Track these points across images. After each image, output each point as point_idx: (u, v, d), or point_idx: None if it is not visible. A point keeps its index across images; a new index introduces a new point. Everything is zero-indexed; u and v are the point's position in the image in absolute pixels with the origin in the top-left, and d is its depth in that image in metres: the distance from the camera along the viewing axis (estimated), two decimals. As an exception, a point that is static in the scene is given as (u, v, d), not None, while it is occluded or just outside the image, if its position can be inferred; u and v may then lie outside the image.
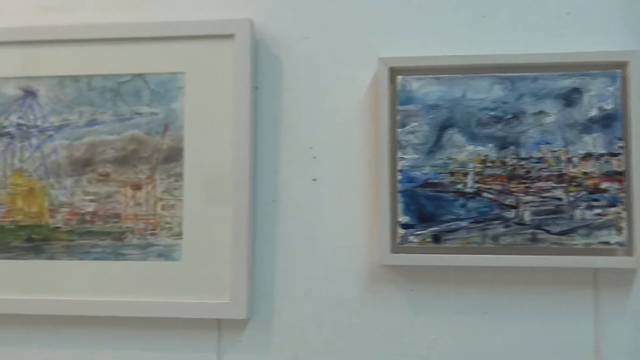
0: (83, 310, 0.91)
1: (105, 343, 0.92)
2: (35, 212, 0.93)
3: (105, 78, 0.93)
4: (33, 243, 0.92)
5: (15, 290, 0.92)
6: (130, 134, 0.92)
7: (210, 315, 0.89)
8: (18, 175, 0.93)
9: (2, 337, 0.93)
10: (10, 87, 0.95)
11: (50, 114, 0.94)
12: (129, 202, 0.91)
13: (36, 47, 0.95)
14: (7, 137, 0.94)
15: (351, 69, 0.91)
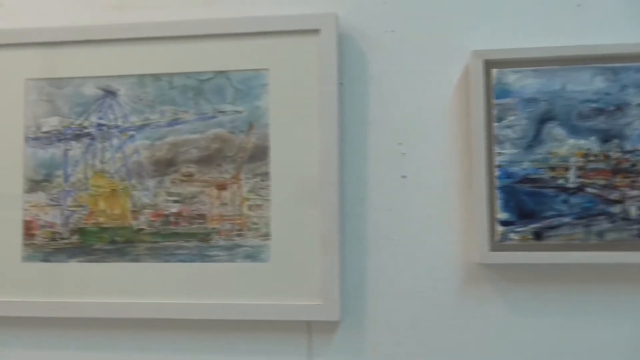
0: (168, 313, 0.89)
1: (191, 346, 0.90)
2: (118, 214, 0.91)
3: (186, 76, 0.91)
4: (116, 245, 0.91)
5: (99, 294, 0.90)
6: (214, 133, 0.90)
7: (301, 317, 0.87)
8: (99, 177, 0.92)
9: (86, 341, 0.92)
10: (89, 86, 0.93)
11: (131, 113, 0.92)
12: (214, 202, 0.89)
13: (115, 45, 0.93)
14: (87, 137, 0.92)
15: (439, 62, 0.89)
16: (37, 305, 0.91)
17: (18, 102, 0.94)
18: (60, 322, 0.92)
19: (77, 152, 0.92)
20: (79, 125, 0.93)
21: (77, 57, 0.94)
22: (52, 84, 0.94)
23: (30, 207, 0.92)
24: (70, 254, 0.91)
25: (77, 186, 0.92)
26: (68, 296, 0.91)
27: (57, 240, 0.92)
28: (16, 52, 0.95)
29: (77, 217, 0.92)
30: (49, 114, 0.93)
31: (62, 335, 0.92)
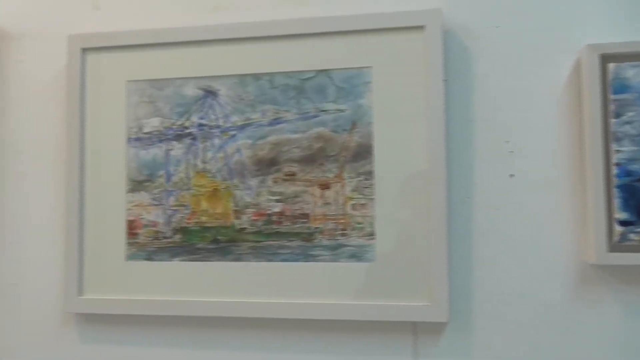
0: (271, 312, 0.89)
1: (294, 346, 0.89)
2: (220, 213, 0.91)
3: (287, 75, 0.91)
4: (219, 244, 0.91)
5: (202, 293, 0.91)
6: (316, 132, 0.89)
7: (408, 318, 0.85)
8: (201, 176, 0.92)
9: (188, 339, 0.92)
10: (190, 87, 0.93)
11: (232, 113, 0.92)
12: (317, 201, 0.89)
13: (215, 46, 0.93)
14: (189, 138, 0.93)
15: (547, 57, 0.86)
16: (140, 303, 0.92)
17: (120, 104, 0.95)
18: (163, 321, 0.93)
19: (178, 152, 0.93)
20: (180, 126, 0.93)
21: (178, 58, 0.94)
22: (153, 85, 0.94)
23: (133, 207, 0.94)
24: (173, 252, 0.92)
25: (179, 186, 0.93)
26: (171, 295, 0.92)
27: (159, 239, 0.92)
28: (117, 54, 0.96)
29: (179, 217, 0.92)
30: (150, 115, 0.94)
31: (164, 334, 0.93)
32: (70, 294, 0.93)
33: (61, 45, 0.99)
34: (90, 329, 0.95)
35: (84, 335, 0.96)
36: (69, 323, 0.96)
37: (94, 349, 0.95)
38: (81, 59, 0.96)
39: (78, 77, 0.96)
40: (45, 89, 1.00)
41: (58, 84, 1.00)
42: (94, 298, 0.94)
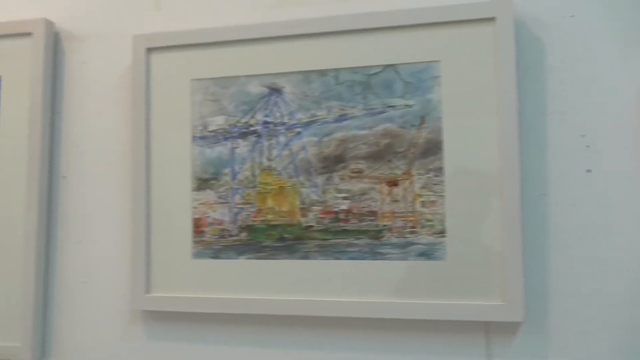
0: (338, 311, 0.88)
1: (362, 346, 0.88)
2: (286, 211, 0.91)
3: (353, 71, 0.90)
4: (285, 242, 0.90)
5: (268, 291, 0.90)
6: (383, 128, 0.88)
7: (480, 317, 0.83)
8: (267, 174, 0.92)
9: (255, 338, 0.92)
10: (255, 84, 0.93)
11: (297, 110, 0.91)
12: (385, 199, 0.87)
13: (279, 42, 0.92)
14: (254, 135, 0.93)
15: (626, 47, 0.83)
16: (206, 301, 0.92)
17: (184, 103, 0.96)
18: (229, 319, 0.93)
19: (244, 150, 0.93)
20: (245, 124, 0.93)
21: (242, 56, 0.94)
22: (217, 83, 0.94)
23: (199, 205, 0.94)
24: (239, 250, 0.92)
25: (244, 184, 0.92)
26: (237, 293, 0.92)
27: (226, 237, 0.92)
28: (181, 53, 0.96)
29: (245, 215, 0.92)
30: (215, 113, 0.94)
31: (230, 332, 0.93)
32: (137, 292, 0.94)
33: (125, 45, 1.00)
34: (157, 327, 0.96)
35: (151, 333, 0.96)
36: (136, 320, 0.97)
37: (160, 346, 0.96)
38: (146, 58, 0.97)
39: (143, 77, 0.97)
40: (110, 89, 1.01)
41: (122, 84, 1.00)
42: (161, 296, 0.94)
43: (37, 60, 1.01)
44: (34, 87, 1.01)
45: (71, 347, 0.99)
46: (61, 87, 1.04)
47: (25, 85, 1.02)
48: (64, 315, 0.99)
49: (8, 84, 1.03)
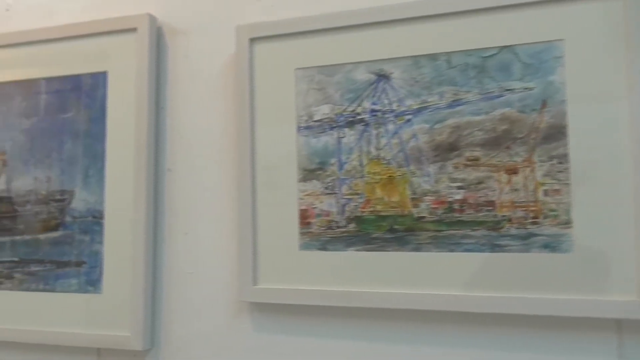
0: (454, 305, 0.84)
1: (481, 342, 0.84)
2: (397, 202, 0.87)
3: (467, 54, 0.85)
4: (396, 234, 0.87)
5: (378, 283, 0.87)
6: (501, 113, 0.83)
7: (612, 314, 0.77)
8: (375, 164, 0.89)
9: (364, 331, 0.90)
10: (361, 72, 0.90)
11: (407, 97, 0.88)
12: (504, 188, 0.82)
13: (386, 27, 0.90)
14: (361, 124, 0.90)
15: None
16: (314, 293, 0.91)
17: (289, 92, 0.94)
18: (337, 312, 0.91)
19: (350, 140, 0.90)
20: (352, 112, 0.90)
21: (347, 42, 0.91)
22: (322, 71, 0.92)
23: (305, 196, 0.92)
24: (348, 242, 0.90)
25: (352, 174, 0.90)
26: (345, 285, 0.89)
27: (333, 228, 0.90)
28: (285, 42, 0.95)
29: (353, 205, 0.90)
30: (320, 102, 0.92)
31: (338, 325, 0.91)
32: (245, 283, 0.94)
33: (227, 37, 1.00)
34: (263, 318, 0.95)
35: (256, 324, 0.96)
36: (242, 312, 0.96)
37: (266, 338, 0.95)
38: (249, 49, 0.96)
39: (247, 67, 0.96)
40: (213, 81, 1.01)
41: (225, 75, 1.00)
42: (267, 288, 0.93)
43: (142, 55, 1.03)
44: (139, 81, 1.02)
45: (178, 337, 1.00)
46: (165, 81, 1.05)
47: (131, 80, 1.03)
48: (171, 306, 1.01)
49: (114, 79, 1.05)
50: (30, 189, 1.09)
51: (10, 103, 1.11)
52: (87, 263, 1.03)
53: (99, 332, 1.01)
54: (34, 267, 1.07)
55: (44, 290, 1.06)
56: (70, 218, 1.05)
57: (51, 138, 1.08)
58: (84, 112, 1.06)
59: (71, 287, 1.04)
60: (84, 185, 1.05)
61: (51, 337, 1.04)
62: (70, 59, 1.08)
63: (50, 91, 1.09)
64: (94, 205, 1.04)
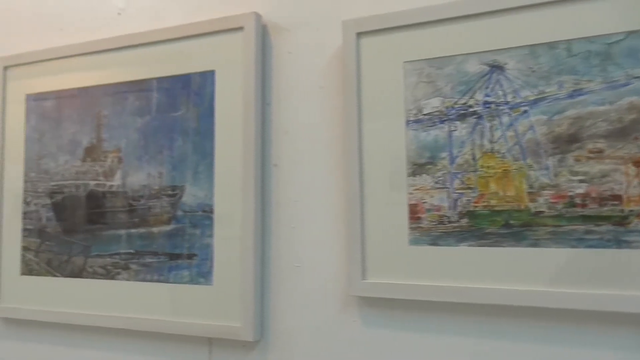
0: (577, 303, 0.81)
1: (601, 342, 0.80)
2: (512, 196, 0.85)
3: (589, 41, 0.81)
4: (511, 229, 0.85)
5: (492, 279, 0.85)
6: (628, 102, 0.79)
7: None
8: (489, 157, 0.86)
9: (478, 328, 0.88)
10: (473, 63, 0.88)
11: (522, 87, 0.85)
12: (632, 181, 0.78)
13: (500, 16, 0.87)
14: (473, 117, 0.88)
15: None
16: (425, 289, 0.90)
17: (397, 86, 0.94)
18: (447, 307, 0.89)
19: (462, 133, 0.88)
20: (464, 105, 0.89)
21: (458, 33, 0.90)
22: (432, 64, 0.91)
23: (415, 191, 0.91)
24: (460, 237, 0.88)
25: (464, 168, 0.88)
26: (457, 281, 0.88)
27: (444, 223, 0.89)
28: (393, 36, 0.94)
29: (465, 200, 0.88)
30: (429, 96, 0.91)
31: (448, 321, 0.90)
32: (354, 277, 0.94)
33: (331, 32, 1.01)
34: (372, 312, 0.96)
35: (366, 319, 0.96)
36: (351, 305, 0.97)
37: (375, 332, 0.95)
38: (356, 43, 0.96)
39: (354, 62, 0.96)
40: (317, 77, 1.02)
41: (330, 71, 1.01)
42: (377, 282, 0.93)
43: (249, 53, 1.05)
44: (246, 79, 1.05)
45: (286, 329, 1.02)
46: (270, 78, 1.07)
47: (238, 77, 1.06)
48: (279, 298, 1.03)
49: (221, 77, 1.08)
50: (144, 184, 1.14)
51: (124, 103, 1.17)
52: (198, 255, 1.07)
53: (211, 323, 1.05)
54: (148, 258, 1.12)
55: (158, 281, 1.11)
56: (181, 212, 1.10)
57: (163, 135, 1.12)
58: (193, 110, 1.10)
59: (183, 279, 1.08)
60: (194, 180, 1.09)
61: (165, 326, 1.09)
62: (180, 59, 1.12)
63: (161, 90, 1.13)
64: (203, 200, 1.08)
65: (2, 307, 1.28)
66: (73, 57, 1.24)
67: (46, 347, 1.24)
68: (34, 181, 1.26)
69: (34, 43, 1.31)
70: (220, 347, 1.06)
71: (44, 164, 1.25)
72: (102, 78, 1.20)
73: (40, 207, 1.25)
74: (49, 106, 1.26)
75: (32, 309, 1.24)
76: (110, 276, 1.15)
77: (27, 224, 1.26)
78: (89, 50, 1.22)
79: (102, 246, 1.17)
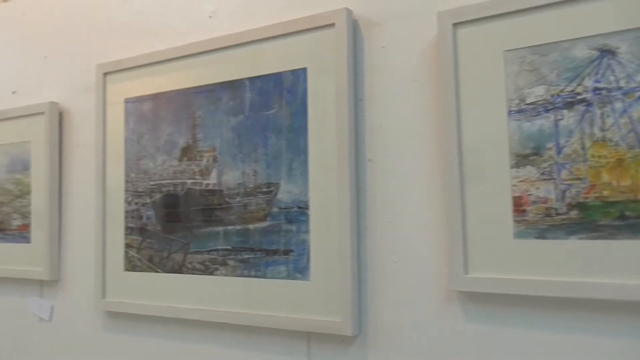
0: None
1: None
2: (628, 186, 0.81)
3: None
4: (627, 221, 0.81)
5: (607, 273, 0.82)
6: None
7: None
8: (600, 146, 0.83)
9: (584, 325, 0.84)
10: (581, 48, 0.85)
11: (637, 72, 0.81)
12: None
13: None
14: (582, 104, 0.84)
15: None
16: (532, 283, 0.87)
17: (497, 76, 0.91)
18: (557, 303, 0.86)
19: (570, 122, 0.85)
20: (571, 92, 0.85)
21: (563, 18, 0.86)
22: (535, 51, 0.88)
23: (519, 183, 0.89)
24: (569, 230, 0.85)
25: (572, 158, 0.85)
26: (568, 275, 0.85)
27: (552, 216, 0.86)
28: (491, 24, 0.92)
29: (575, 191, 0.85)
30: (533, 84, 0.88)
31: (556, 316, 0.87)
32: (455, 272, 0.93)
33: (425, 24, 1.00)
34: (474, 308, 0.94)
35: (468, 314, 0.94)
36: (452, 300, 0.96)
37: (478, 327, 0.93)
38: (452, 34, 0.94)
39: (451, 53, 0.95)
40: (412, 69, 1.01)
41: (425, 63, 1.00)
42: (480, 276, 0.91)
43: (341, 49, 1.05)
44: (338, 75, 1.05)
45: (386, 324, 1.01)
46: (362, 73, 1.07)
47: (330, 74, 1.06)
48: (377, 293, 1.03)
49: (313, 74, 1.09)
50: (239, 182, 1.17)
51: (218, 103, 1.20)
52: (295, 251, 1.09)
53: (309, 317, 1.06)
54: (245, 254, 1.15)
55: (255, 276, 1.13)
56: (276, 209, 1.11)
57: (256, 134, 1.15)
58: (286, 107, 1.11)
59: (280, 274, 1.10)
60: (288, 177, 1.10)
61: (263, 320, 1.11)
62: (272, 58, 1.14)
63: (253, 89, 1.16)
64: (298, 197, 1.09)
65: (107, 301, 1.34)
66: (167, 61, 1.28)
67: (148, 339, 1.30)
68: (134, 181, 1.32)
69: (130, 49, 1.37)
70: (318, 342, 1.08)
71: (143, 165, 1.31)
72: (196, 80, 1.24)
73: (141, 206, 1.31)
74: (146, 109, 1.31)
75: (135, 303, 1.30)
76: (208, 272, 1.19)
77: (129, 223, 1.32)
78: (182, 54, 1.26)
79: (200, 243, 1.21)
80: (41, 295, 1.50)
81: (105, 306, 1.34)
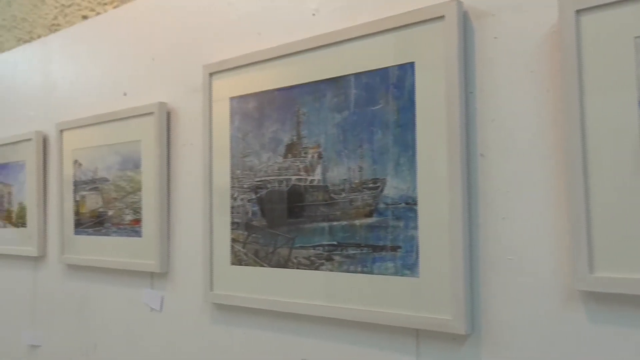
0: None
1: None
2: None
3: None
4: None
5: None
6: None
7: None
8: None
9: None
10: None
11: None
12: None
13: None
14: None
15: None
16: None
17: (627, 64, 0.86)
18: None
19: None
20: None
21: None
22: (670, 36, 0.82)
23: (652, 177, 0.83)
24: None
25: None
26: None
27: (691, 213, 0.80)
28: (619, 9, 0.87)
29: None
30: (668, 71, 0.82)
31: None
32: (580, 271, 0.89)
33: (541, 12, 0.96)
34: (600, 309, 0.89)
35: (593, 315, 0.90)
36: (574, 301, 0.92)
37: (605, 330, 0.89)
38: (575, 21, 0.89)
39: (574, 42, 0.90)
40: (527, 60, 0.98)
41: (542, 53, 0.96)
42: (607, 276, 0.87)
43: (450, 42, 1.03)
44: (448, 68, 1.03)
45: (501, 323, 0.98)
46: (472, 66, 1.04)
47: (439, 67, 1.04)
48: (490, 291, 1.00)
49: (421, 69, 1.07)
50: (344, 178, 1.17)
51: (322, 100, 1.21)
52: (402, 248, 1.08)
53: (418, 314, 1.05)
54: (351, 250, 1.15)
55: (362, 272, 1.13)
56: (383, 205, 1.11)
57: (362, 130, 1.15)
58: (393, 103, 1.10)
59: (388, 270, 1.10)
60: (395, 173, 1.10)
61: (370, 316, 1.11)
62: (377, 53, 1.13)
63: (359, 85, 1.16)
64: (406, 192, 1.08)
65: (214, 294, 1.39)
66: (271, 60, 1.31)
67: (254, 332, 1.33)
68: (240, 177, 1.36)
69: (234, 48, 1.41)
70: (428, 339, 1.06)
71: (249, 161, 1.34)
72: (300, 77, 1.25)
73: (246, 202, 1.34)
74: (251, 107, 1.35)
75: (242, 296, 1.33)
76: (314, 267, 1.20)
77: (235, 218, 1.36)
78: (286, 52, 1.28)
79: (305, 238, 1.22)
80: (152, 286, 1.58)
81: (213, 298, 1.39)
